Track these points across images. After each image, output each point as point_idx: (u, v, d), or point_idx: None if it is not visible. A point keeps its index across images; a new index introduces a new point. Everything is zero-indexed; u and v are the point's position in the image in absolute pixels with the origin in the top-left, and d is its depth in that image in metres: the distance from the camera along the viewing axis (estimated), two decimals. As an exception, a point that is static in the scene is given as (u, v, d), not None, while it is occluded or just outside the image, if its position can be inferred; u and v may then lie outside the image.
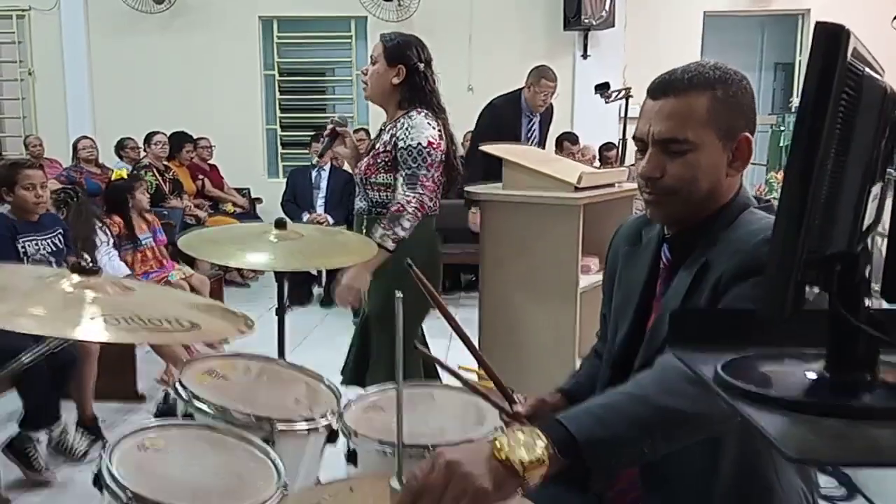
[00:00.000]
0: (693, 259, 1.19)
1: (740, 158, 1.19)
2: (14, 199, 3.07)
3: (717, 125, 1.16)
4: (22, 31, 7.47)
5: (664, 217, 1.24)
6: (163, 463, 1.20)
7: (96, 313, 0.93)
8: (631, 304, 1.28)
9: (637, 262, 1.31)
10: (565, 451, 0.92)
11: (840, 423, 0.65)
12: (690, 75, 1.17)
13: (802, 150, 0.62)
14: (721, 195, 1.20)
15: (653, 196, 1.21)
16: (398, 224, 2.30)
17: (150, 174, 5.91)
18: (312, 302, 5.79)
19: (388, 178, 2.39)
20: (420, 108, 2.39)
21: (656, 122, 1.18)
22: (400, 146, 2.35)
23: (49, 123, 7.43)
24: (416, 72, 2.41)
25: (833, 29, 0.59)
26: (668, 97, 1.17)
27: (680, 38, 7.05)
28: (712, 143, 1.17)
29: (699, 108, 1.15)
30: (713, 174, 1.18)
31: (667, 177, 1.18)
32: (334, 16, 7.36)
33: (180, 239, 1.99)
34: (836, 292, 0.69)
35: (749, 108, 1.20)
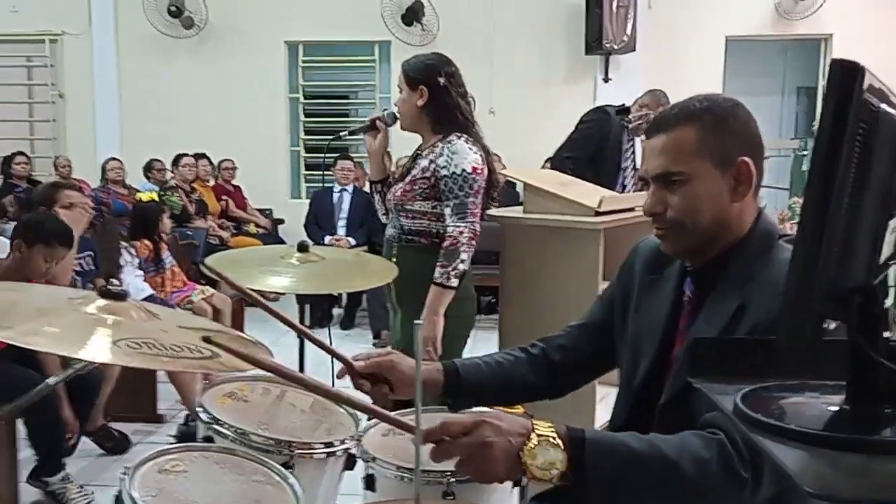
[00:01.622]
0: (722, 295, 1.18)
1: (744, 182, 1.18)
2: None
3: (709, 153, 1.17)
4: (54, 55, 7.67)
5: (676, 251, 1.24)
6: (182, 487, 1.21)
7: (115, 336, 0.95)
8: (653, 338, 1.27)
9: (658, 294, 1.30)
10: (576, 472, 0.99)
11: (860, 458, 0.64)
12: (677, 110, 1.21)
13: (819, 184, 0.62)
14: (734, 223, 1.20)
15: (661, 231, 1.23)
16: (457, 258, 2.26)
17: (177, 195, 6.01)
18: (333, 323, 5.82)
19: (426, 205, 2.35)
20: (459, 134, 2.33)
21: (651, 160, 1.21)
22: (443, 174, 2.29)
23: (78, 145, 7.59)
24: (438, 88, 2.34)
25: (848, 66, 0.60)
26: (660, 134, 1.20)
27: (702, 63, 7.05)
28: (708, 172, 1.17)
29: (687, 140, 1.17)
30: (715, 202, 1.18)
31: (669, 210, 1.20)
32: (358, 40, 7.47)
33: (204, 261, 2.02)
34: (854, 325, 0.69)
35: (744, 132, 1.20)
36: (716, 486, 1.00)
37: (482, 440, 0.98)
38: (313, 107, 7.84)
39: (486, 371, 1.39)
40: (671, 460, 1.00)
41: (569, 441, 1.00)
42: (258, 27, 7.38)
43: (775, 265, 1.14)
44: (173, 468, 1.23)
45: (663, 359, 1.25)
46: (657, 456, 1.01)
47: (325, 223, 5.99)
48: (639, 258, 1.38)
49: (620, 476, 1.00)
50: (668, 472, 1.00)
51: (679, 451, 1.01)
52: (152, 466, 1.23)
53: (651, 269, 1.33)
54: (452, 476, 1.43)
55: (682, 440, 1.04)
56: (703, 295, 1.22)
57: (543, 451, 0.98)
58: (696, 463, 1.00)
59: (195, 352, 0.97)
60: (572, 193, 2.71)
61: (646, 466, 1.01)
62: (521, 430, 1.00)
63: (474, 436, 0.99)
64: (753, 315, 1.11)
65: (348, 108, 8.25)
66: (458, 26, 7.02)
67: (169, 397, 3.81)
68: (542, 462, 0.98)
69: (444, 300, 2.26)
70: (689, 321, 1.23)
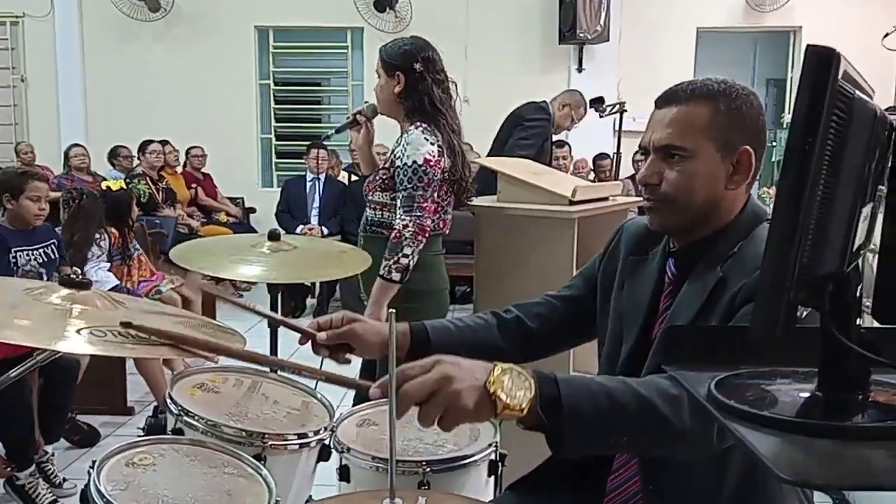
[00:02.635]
0: (703, 272, 1.19)
1: (741, 172, 1.19)
2: (14, 208, 3.04)
3: (715, 136, 1.17)
4: (15, 38, 7.46)
5: (663, 225, 1.25)
6: (151, 480, 1.19)
7: (82, 326, 0.92)
8: (636, 318, 1.28)
9: (642, 275, 1.30)
10: (549, 409, 0.97)
11: (832, 443, 0.65)
12: (695, 86, 1.20)
13: (793, 172, 0.62)
14: (724, 209, 1.20)
15: (651, 202, 1.23)
16: (399, 252, 2.20)
17: (143, 183, 5.90)
18: (306, 313, 5.77)
19: (385, 196, 2.31)
20: (420, 122, 2.26)
21: (657, 130, 1.20)
22: (398, 164, 2.24)
23: (41, 130, 7.41)
24: (414, 74, 2.27)
25: (824, 52, 0.60)
26: (671, 106, 1.20)
27: (674, 54, 7.10)
28: (710, 154, 1.18)
29: (699, 117, 1.17)
30: (711, 185, 1.18)
31: (664, 183, 1.20)
32: (330, 26, 7.38)
33: (172, 250, 1.98)
34: (827, 312, 0.70)
35: (753, 123, 1.20)
36: (688, 423, 0.99)
37: (443, 374, 0.95)
38: (285, 94, 7.74)
39: (455, 334, 1.38)
40: (645, 396, 1.00)
41: (538, 376, 0.98)
42: (227, 11, 7.25)
43: (757, 242, 1.16)
44: (141, 461, 1.21)
45: (645, 338, 1.26)
46: (632, 393, 1.01)
47: (298, 212, 5.93)
48: (624, 238, 1.38)
49: (595, 409, 0.98)
50: (645, 409, 0.99)
51: (650, 389, 1.01)
52: (120, 460, 1.21)
53: (635, 249, 1.34)
54: (428, 466, 1.42)
55: (649, 380, 1.04)
56: (685, 275, 1.22)
57: (509, 377, 0.96)
58: (668, 399, 1.00)
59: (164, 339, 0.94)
60: (546, 182, 2.72)
61: (623, 403, 1.00)
62: (482, 365, 0.98)
63: (435, 371, 0.95)
64: (733, 285, 1.12)
65: (320, 96, 8.17)
66: (432, 14, 6.97)
67: (139, 389, 3.75)
68: (508, 388, 0.95)
69: (387, 293, 2.21)
70: (670, 301, 1.24)
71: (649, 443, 1.04)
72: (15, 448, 2.73)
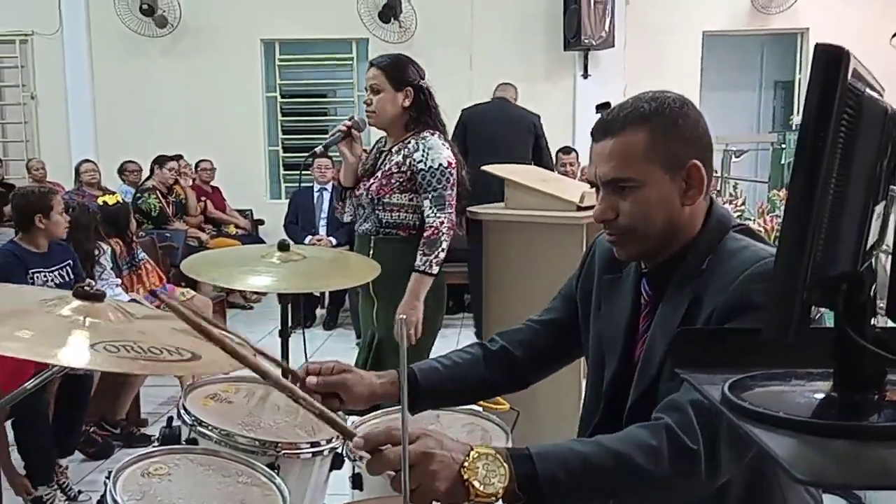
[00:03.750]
0: (675, 293, 1.17)
1: (694, 186, 1.16)
2: (46, 226, 3.06)
3: (659, 159, 1.14)
4: (25, 56, 7.53)
5: (630, 256, 1.23)
6: (167, 490, 1.19)
7: (90, 339, 0.92)
8: (616, 341, 1.26)
9: (617, 295, 1.28)
10: (527, 488, 0.97)
11: (849, 444, 0.64)
12: (626, 112, 1.16)
13: (804, 172, 0.62)
14: (685, 226, 1.18)
15: (613, 236, 1.21)
16: (438, 247, 2.38)
17: (154, 196, 5.93)
18: (316, 324, 5.78)
19: (403, 198, 2.44)
20: (431, 130, 2.44)
21: (600, 165, 1.17)
22: (420, 168, 2.40)
23: (52, 147, 7.47)
24: (421, 90, 2.44)
25: (833, 50, 0.60)
26: (607, 138, 1.16)
27: (680, 58, 7.10)
28: (659, 177, 1.14)
29: (637, 144, 1.14)
30: (667, 208, 1.16)
31: (621, 217, 1.17)
32: (336, 38, 7.42)
33: (183, 262, 1.99)
34: (841, 312, 0.69)
35: (694, 134, 1.16)
36: (671, 471, 1.00)
37: (424, 450, 0.95)
38: (291, 106, 7.78)
39: (444, 373, 1.37)
40: (622, 453, 1.00)
41: (512, 458, 0.98)
42: (233, 25, 7.31)
43: (726, 255, 1.15)
44: (157, 471, 1.21)
45: (628, 361, 1.25)
46: (607, 453, 1.00)
47: (306, 223, 5.95)
48: (597, 257, 1.36)
49: (576, 482, 0.99)
50: (623, 466, 1.00)
51: (626, 444, 1.01)
52: (135, 470, 1.21)
53: (609, 267, 1.31)
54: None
55: (627, 434, 1.04)
56: (660, 294, 1.21)
57: (484, 464, 0.96)
58: (645, 451, 1.00)
59: (174, 353, 0.94)
60: (554, 189, 2.72)
61: (599, 465, 1.00)
62: (461, 447, 0.98)
63: (417, 444, 0.96)
64: (708, 305, 1.11)
65: (326, 107, 8.20)
66: (437, 24, 7.00)
67: (152, 401, 3.77)
68: (482, 475, 0.95)
69: (425, 286, 2.37)
70: (649, 321, 1.22)
71: (636, 497, 1.05)
72: (35, 461, 2.74)
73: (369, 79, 2.45)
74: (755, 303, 1.05)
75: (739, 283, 1.09)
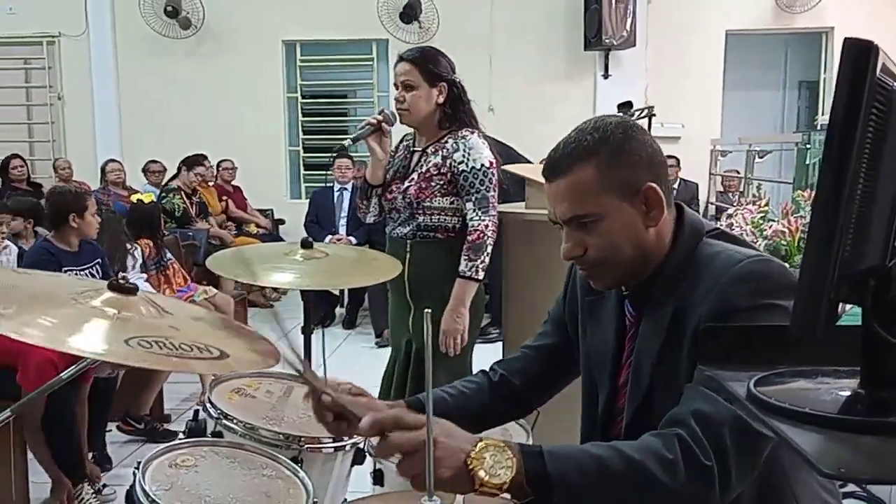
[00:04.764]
0: (657, 309, 1.16)
1: (655, 207, 1.14)
2: (80, 226, 3.12)
3: (612, 188, 1.13)
4: (52, 57, 7.66)
5: (607, 286, 1.22)
6: (194, 481, 1.22)
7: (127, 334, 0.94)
8: (605, 364, 1.26)
9: (601, 317, 1.28)
10: (537, 485, 0.96)
11: (877, 440, 0.64)
12: (570, 149, 1.15)
13: (833, 167, 0.62)
14: (655, 245, 1.17)
15: (586, 271, 1.20)
16: (483, 251, 2.27)
17: (179, 197, 6.00)
18: (335, 323, 5.82)
19: (444, 201, 2.32)
20: (469, 129, 2.33)
21: (557, 205, 1.17)
22: (462, 169, 2.28)
23: (78, 147, 7.58)
24: (454, 85, 2.32)
25: (862, 45, 0.60)
26: (558, 178, 1.15)
27: (702, 57, 7.04)
28: (617, 207, 1.13)
29: (587, 180, 1.13)
30: (632, 234, 1.15)
31: (589, 251, 1.16)
32: (356, 39, 7.46)
33: (209, 258, 2.02)
34: (869, 308, 0.69)
35: (643, 155, 1.15)
36: (686, 485, 0.98)
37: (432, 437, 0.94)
38: (312, 106, 7.83)
39: (451, 403, 1.36)
40: (637, 461, 0.99)
41: (522, 453, 0.98)
42: (255, 27, 7.37)
43: (702, 263, 1.14)
44: (184, 462, 1.24)
45: (617, 382, 1.24)
46: (621, 459, 0.99)
47: (326, 222, 5.98)
48: (577, 280, 1.35)
49: (588, 484, 0.98)
50: (637, 474, 0.98)
51: (642, 452, 1.00)
52: (163, 461, 1.23)
53: (590, 289, 1.30)
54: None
55: (642, 442, 1.03)
56: (642, 313, 1.20)
57: (492, 455, 0.96)
58: (661, 462, 0.99)
59: (204, 351, 0.96)
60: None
61: (613, 471, 0.98)
62: (469, 437, 0.98)
63: (423, 432, 0.95)
64: (693, 315, 1.10)
65: (347, 107, 8.25)
66: (457, 24, 7.01)
67: (175, 397, 3.82)
68: (489, 466, 0.95)
69: (470, 292, 2.27)
70: (633, 343, 1.21)
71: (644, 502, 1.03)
72: (66, 459, 2.76)
73: (400, 74, 2.32)
74: (740, 306, 1.06)
75: (720, 289, 1.08)
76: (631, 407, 1.18)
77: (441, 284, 2.28)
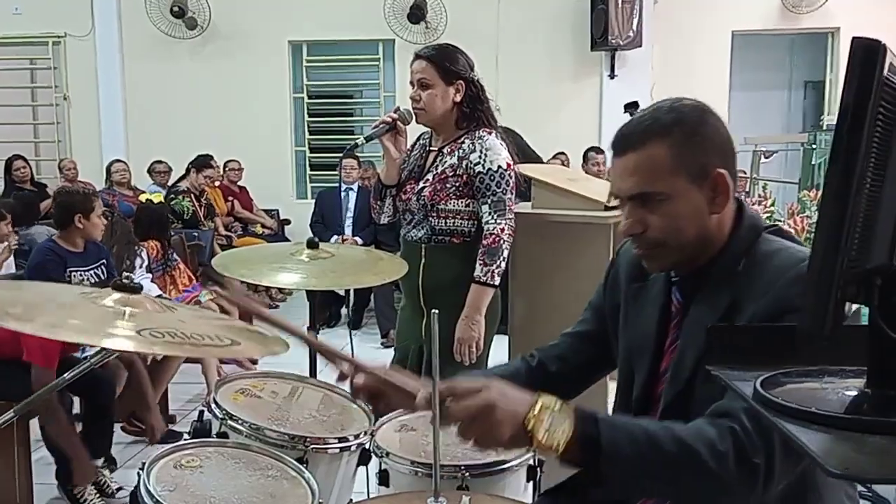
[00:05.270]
0: (709, 296, 1.15)
1: (721, 194, 1.14)
2: (85, 226, 3.12)
3: (684, 169, 1.12)
4: (57, 57, 7.68)
5: (661, 268, 1.22)
6: (198, 481, 1.22)
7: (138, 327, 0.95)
8: (645, 350, 1.25)
9: (645, 303, 1.27)
10: (588, 449, 0.97)
11: (884, 439, 0.64)
12: (646, 125, 1.14)
13: (840, 165, 0.62)
14: (716, 233, 1.16)
15: (643, 250, 1.19)
16: (500, 256, 2.20)
17: (187, 199, 6.01)
18: (341, 323, 5.82)
19: (460, 204, 2.25)
20: (487, 129, 2.26)
21: (624, 180, 1.16)
22: (478, 171, 2.21)
23: (83, 147, 7.60)
24: (472, 83, 2.26)
25: (870, 44, 0.60)
26: (628, 152, 1.15)
27: (708, 58, 7.02)
28: (685, 189, 1.13)
29: (660, 157, 1.12)
30: (696, 218, 1.14)
31: (650, 230, 1.15)
32: (362, 39, 7.46)
33: (214, 259, 2.02)
34: (876, 308, 0.69)
35: (717, 141, 1.15)
36: (733, 477, 0.98)
37: (487, 402, 0.97)
38: (318, 106, 7.84)
39: None
40: (688, 443, 0.99)
41: (579, 415, 0.99)
42: (261, 27, 7.38)
43: (762, 258, 1.13)
44: (189, 463, 1.24)
45: (657, 368, 1.24)
46: (673, 438, 0.99)
47: (332, 223, 5.99)
48: (622, 266, 1.34)
49: (636, 453, 0.98)
50: (686, 456, 0.98)
51: (693, 437, 1.00)
52: (168, 462, 1.24)
53: (634, 276, 1.29)
54: (467, 470, 1.43)
55: (696, 428, 1.02)
56: (691, 301, 1.19)
57: (549, 416, 0.98)
58: (712, 451, 0.98)
59: (216, 339, 0.97)
60: (581, 188, 2.71)
61: (662, 447, 0.98)
62: (527, 397, 1.00)
63: (480, 398, 0.98)
64: (748, 310, 1.09)
65: (353, 108, 8.25)
66: (463, 24, 7.00)
67: (180, 398, 3.82)
68: (547, 425, 0.97)
69: (486, 299, 2.20)
70: (678, 330, 1.21)
71: (689, 491, 1.03)
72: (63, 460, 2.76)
73: (416, 72, 2.24)
74: (796, 306, 1.04)
75: (781, 286, 1.07)
76: (669, 394, 1.18)
77: (456, 290, 2.20)
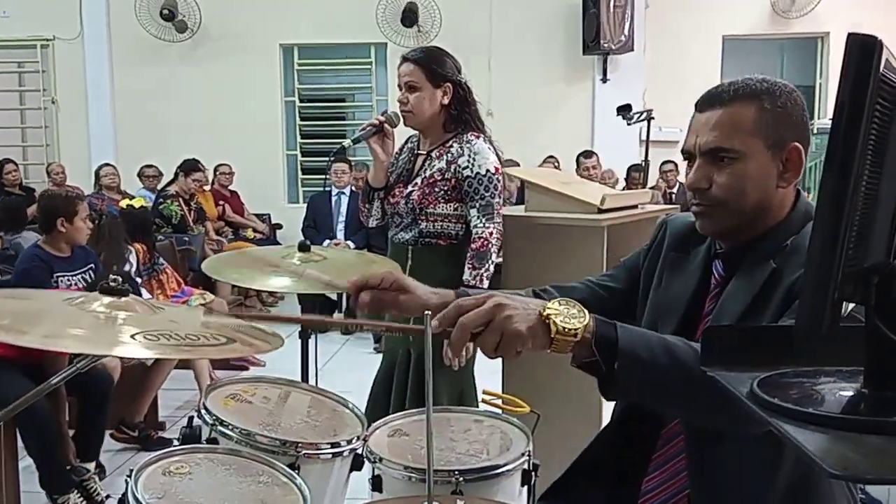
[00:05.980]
0: (752, 267, 1.16)
1: (791, 170, 1.17)
2: (68, 230, 3.08)
3: (764, 134, 1.15)
4: (46, 61, 7.63)
5: (714, 229, 1.22)
6: (188, 489, 1.20)
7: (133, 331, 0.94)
8: (675, 312, 1.26)
9: (683, 272, 1.28)
10: (602, 345, 0.98)
11: (881, 439, 0.63)
12: (737, 87, 1.18)
13: (837, 164, 0.61)
14: (775, 208, 1.18)
15: (701, 207, 1.20)
16: (488, 259, 2.22)
17: (176, 204, 5.98)
18: (332, 328, 5.80)
19: (448, 207, 2.27)
20: (475, 133, 2.27)
21: (703, 134, 1.18)
22: (466, 175, 2.23)
23: (72, 151, 7.56)
24: (460, 85, 2.28)
25: (866, 40, 0.59)
26: (714, 108, 1.17)
27: (700, 62, 7.06)
28: (760, 153, 1.15)
29: (745, 117, 1.15)
30: (762, 185, 1.16)
31: (714, 187, 1.17)
32: (354, 42, 7.46)
33: (204, 262, 2.00)
34: (873, 307, 0.68)
35: (799, 119, 1.18)
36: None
37: (497, 303, 0.97)
38: (310, 110, 7.83)
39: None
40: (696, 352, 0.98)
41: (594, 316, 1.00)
42: (252, 30, 7.36)
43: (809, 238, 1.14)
44: (178, 470, 1.22)
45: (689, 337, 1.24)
46: (690, 348, 0.99)
47: (324, 227, 5.97)
48: (668, 234, 1.36)
49: (651, 357, 0.98)
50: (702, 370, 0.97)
51: None
52: (157, 468, 1.22)
53: (677, 246, 1.32)
54: (461, 475, 1.41)
55: None
56: (732, 274, 1.20)
57: (565, 306, 0.98)
58: None
59: (211, 339, 0.96)
60: (574, 191, 2.70)
61: (678, 355, 0.99)
62: (535, 301, 1.01)
63: (489, 302, 0.98)
64: (790, 275, 1.10)
65: (345, 111, 8.24)
66: (456, 28, 7.01)
67: (170, 404, 3.79)
68: (564, 313, 0.97)
69: None
70: (715, 302, 1.21)
71: (703, 403, 0.99)
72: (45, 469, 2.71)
73: (404, 75, 2.26)
74: None
75: None
76: None
77: None
